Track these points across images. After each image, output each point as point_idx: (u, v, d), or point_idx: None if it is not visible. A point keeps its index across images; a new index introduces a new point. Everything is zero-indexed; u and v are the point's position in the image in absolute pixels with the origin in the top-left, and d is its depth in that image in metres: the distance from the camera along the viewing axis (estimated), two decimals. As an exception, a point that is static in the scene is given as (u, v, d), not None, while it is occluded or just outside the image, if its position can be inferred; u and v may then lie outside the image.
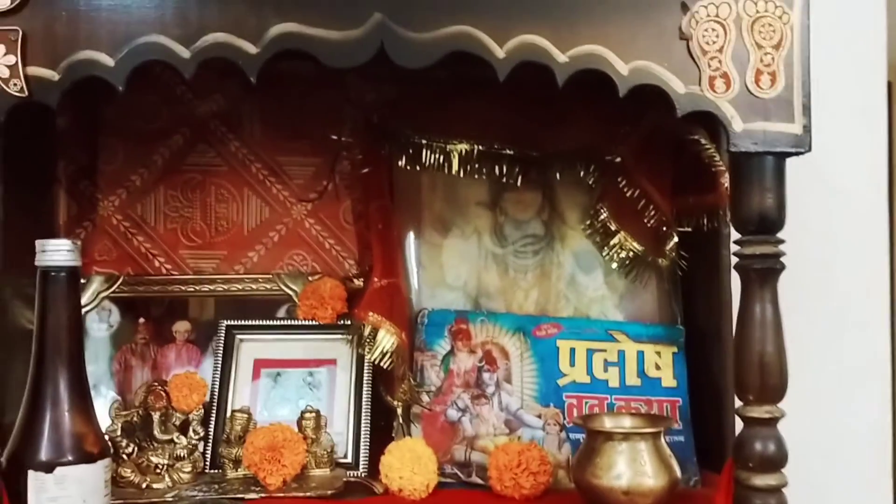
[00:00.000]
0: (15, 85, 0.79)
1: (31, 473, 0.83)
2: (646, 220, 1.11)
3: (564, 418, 1.10)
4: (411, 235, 1.18)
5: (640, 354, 1.13)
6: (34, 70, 0.79)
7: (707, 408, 1.10)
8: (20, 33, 0.79)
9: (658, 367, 1.12)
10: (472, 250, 1.18)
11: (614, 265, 1.16)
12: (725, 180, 1.04)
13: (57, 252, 0.86)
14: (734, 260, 0.89)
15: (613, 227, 1.15)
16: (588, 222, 1.17)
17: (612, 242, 1.15)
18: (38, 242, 0.87)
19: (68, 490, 0.83)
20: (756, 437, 0.86)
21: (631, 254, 1.15)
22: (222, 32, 0.81)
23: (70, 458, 0.84)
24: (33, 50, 0.79)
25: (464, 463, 1.08)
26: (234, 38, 0.81)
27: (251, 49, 0.81)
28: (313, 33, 0.81)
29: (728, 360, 1.08)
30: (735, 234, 0.90)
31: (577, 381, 1.12)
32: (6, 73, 0.79)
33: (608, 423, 0.96)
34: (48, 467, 0.83)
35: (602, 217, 1.15)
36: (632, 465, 0.89)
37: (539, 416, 1.10)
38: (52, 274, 0.86)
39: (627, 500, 0.88)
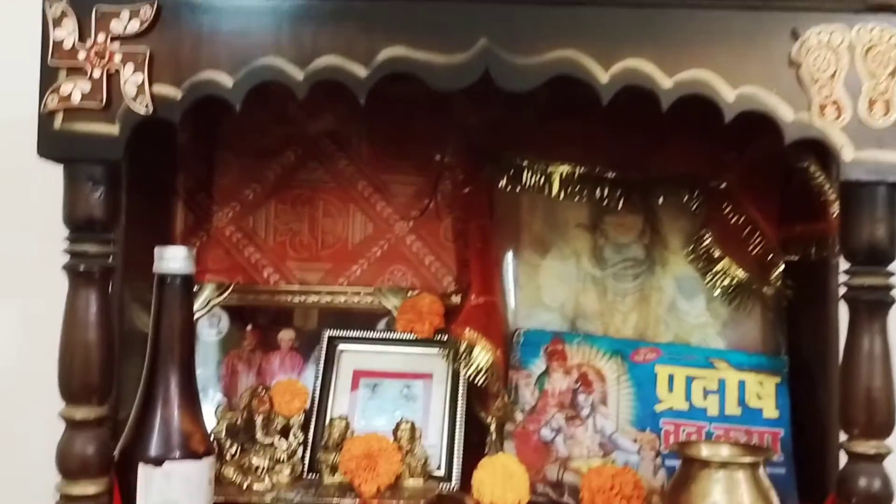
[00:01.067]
0: (141, 102, 0.84)
1: (141, 467, 0.88)
2: (751, 248, 1.09)
3: (660, 444, 1.08)
4: (510, 255, 1.19)
5: (742, 384, 1.10)
6: (159, 88, 0.84)
7: (810, 442, 1.07)
8: (147, 54, 0.84)
9: (760, 398, 1.10)
10: (570, 272, 1.18)
11: (717, 292, 1.14)
12: (835, 209, 1.01)
13: (174, 259, 0.91)
14: (842, 290, 0.87)
15: (717, 254, 1.13)
16: (691, 247, 1.16)
17: (715, 269, 1.14)
18: (156, 249, 0.92)
19: (174, 485, 0.88)
20: (861, 473, 0.83)
21: (734, 281, 1.13)
22: (334, 55, 0.84)
23: (178, 454, 0.88)
24: (159, 70, 0.84)
25: (556, 483, 1.08)
26: (346, 60, 0.84)
27: (361, 72, 0.84)
28: (421, 57, 0.84)
29: (834, 393, 1.05)
30: (844, 265, 0.88)
31: (674, 407, 1.10)
32: (133, 91, 0.84)
33: (705, 452, 0.94)
34: (157, 462, 0.88)
35: (706, 243, 1.14)
36: (728, 496, 0.87)
37: (634, 441, 1.09)
38: (168, 280, 0.91)
39: (723, 531, 0.86)
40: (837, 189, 0.95)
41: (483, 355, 1.06)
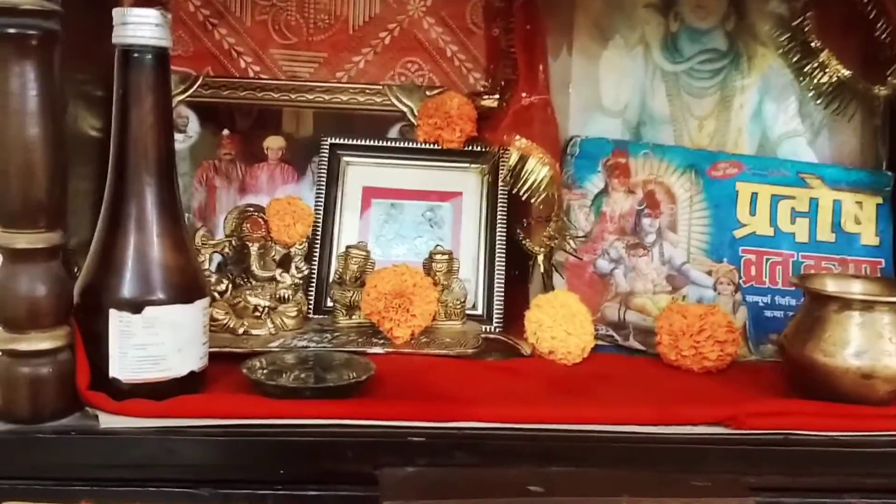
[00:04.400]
0: None
1: (113, 314, 0.65)
2: (869, 36, 0.87)
3: (740, 277, 0.90)
4: (560, 46, 0.95)
5: (837, 204, 0.92)
6: None
7: (917, 274, 0.91)
8: None
9: (858, 221, 0.92)
10: (636, 66, 0.96)
11: (812, 93, 0.93)
12: None
13: (142, 25, 0.65)
14: None
15: (816, 44, 0.92)
16: (786, 37, 0.93)
17: (813, 64, 0.92)
18: (116, 12, 0.65)
19: (160, 336, 0.65)
20: None
21: (835, 79, 0.92)
22: None
23: (162, 296, 0.66)
24: None
25: (618, 324, 0.90)
26: None
27: None
28: None
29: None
30: None
31: (757, 232, 0.92)
32: None
33: (831, 286, 0.76)
34: (136, 307, 0.65)
35: (806, 30, 0.91)
36: (875, 343, 0.69)
37: (709, 273, 0.90)
38: (136, 55, 0.65)
39: (867, 384, 0.69)
40: None
41: (539, 169, 0.84)
